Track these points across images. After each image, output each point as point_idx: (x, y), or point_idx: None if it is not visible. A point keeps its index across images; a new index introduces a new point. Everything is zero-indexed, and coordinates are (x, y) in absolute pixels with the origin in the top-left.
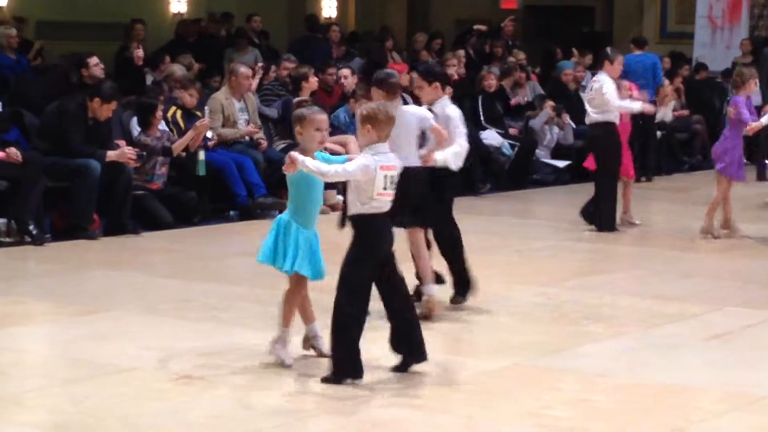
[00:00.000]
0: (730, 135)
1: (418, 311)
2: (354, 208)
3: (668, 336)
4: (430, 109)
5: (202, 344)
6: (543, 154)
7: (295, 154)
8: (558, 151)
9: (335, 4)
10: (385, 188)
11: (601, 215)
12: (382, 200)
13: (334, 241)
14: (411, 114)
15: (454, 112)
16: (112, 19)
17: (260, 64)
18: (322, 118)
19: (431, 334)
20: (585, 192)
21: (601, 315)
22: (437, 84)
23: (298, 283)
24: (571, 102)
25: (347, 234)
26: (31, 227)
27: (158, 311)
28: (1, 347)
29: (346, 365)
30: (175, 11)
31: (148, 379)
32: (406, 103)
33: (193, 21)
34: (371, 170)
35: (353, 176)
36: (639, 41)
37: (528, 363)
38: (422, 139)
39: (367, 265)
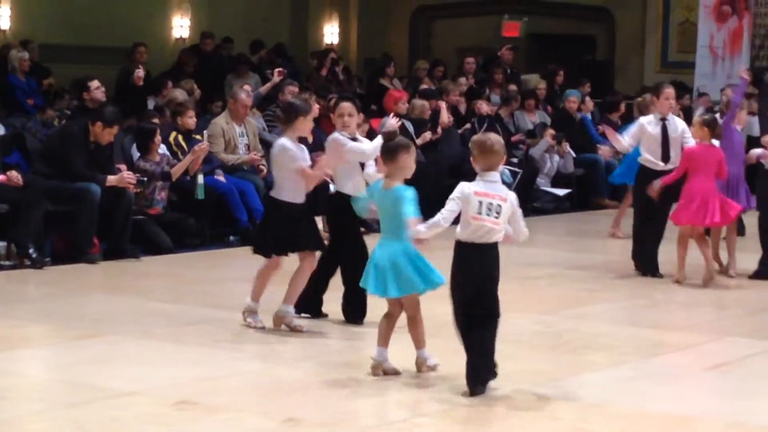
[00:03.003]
0: None
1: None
2: (457, 234)
3: (668, 366)
4: (355, 138)
5: (201, 369)
6: (543, 182)
7: (418, 230)
8: (558, 180)
9: (337, 30)
10: (479, 213)
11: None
12: (476, 224)
13: None
14: None
15: None
16: (116, 44)
17: (279, 69)
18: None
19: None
20: (584, 221)
21: (600, 344)
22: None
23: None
24: (574, 130)
25: None
26: (31, 250)
27: (157, 336)
28: (0, 370)
29: (481, 371)
30: (178, 36)
31: (148, 404)
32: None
33: (192, 47)
34: (464, 194)
35: (454, 213)
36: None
37: (526, 391)
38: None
39: (461, 288)
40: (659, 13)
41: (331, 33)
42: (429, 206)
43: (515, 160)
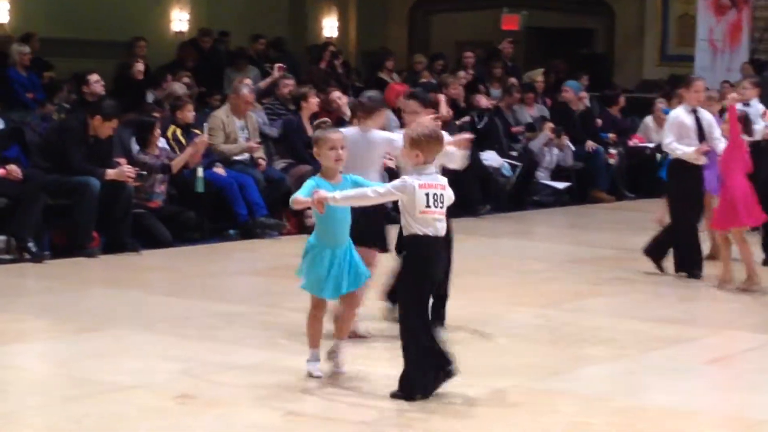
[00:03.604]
0: None
1: None
2: (405, 230)
3: (667, 359)
4: None
5: (202, 363)
6: (543, 176)
7: (322, 192)
8: (558, 173)
9: (336, 24)
10: (428, 206)
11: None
12: (428, 218)
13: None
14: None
15: None
16: (115, 38)
17: (279, 65)
18: (336, 137)
19: None
20: (584, 214)
21: (601, 337)
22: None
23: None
24: (573, 123)
25: None
26: (30, 244)
27: (157, 330)
28: (0, 364)
29: (415, 383)
30: (177, 30)
31: (148, 398)
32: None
33: (191, 41)
34: (408, 189)
35: (386, 197)
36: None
37: (527, 385)
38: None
39: (420, 284)
40: (658, 6)
41: (330, 27)
42: None
43: (515, 153)
